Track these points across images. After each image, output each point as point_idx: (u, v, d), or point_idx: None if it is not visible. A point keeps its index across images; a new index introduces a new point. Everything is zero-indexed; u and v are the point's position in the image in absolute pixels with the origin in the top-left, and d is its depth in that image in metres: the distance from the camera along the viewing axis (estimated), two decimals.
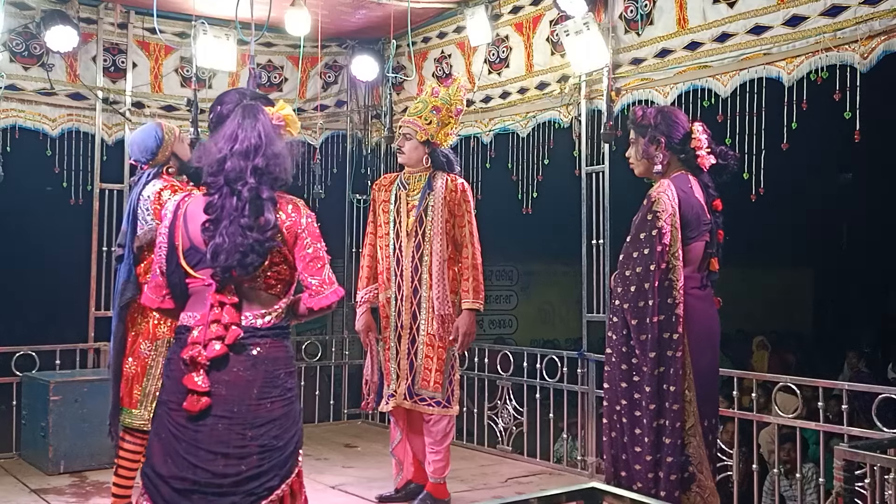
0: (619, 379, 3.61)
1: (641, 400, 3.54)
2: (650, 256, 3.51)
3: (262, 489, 2.67)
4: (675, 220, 3.55)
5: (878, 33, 4.29)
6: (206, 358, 2.66)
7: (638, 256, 3.55)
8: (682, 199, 3.59)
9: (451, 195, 4.62)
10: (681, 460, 3.52)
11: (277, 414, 2.73)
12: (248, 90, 3.02)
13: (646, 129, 3.74)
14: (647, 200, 3.61)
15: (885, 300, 17.14)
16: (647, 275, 3.51)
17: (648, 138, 3.73)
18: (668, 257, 3.53)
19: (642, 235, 3.56)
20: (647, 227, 3.55)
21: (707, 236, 3.68)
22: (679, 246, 3.55)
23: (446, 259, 4.61)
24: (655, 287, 3.50)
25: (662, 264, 3.52)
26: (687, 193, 3.62)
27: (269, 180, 2.75)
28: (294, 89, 7.36)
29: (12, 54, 6.23)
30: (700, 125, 3.75)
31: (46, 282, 11.78)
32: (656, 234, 3.52)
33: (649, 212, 3.56)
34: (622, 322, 3.60)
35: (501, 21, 6.39)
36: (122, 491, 4.05)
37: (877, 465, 3.24)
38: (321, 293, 2.78)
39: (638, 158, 3.78)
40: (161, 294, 2.84)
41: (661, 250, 3.51)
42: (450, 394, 4.63)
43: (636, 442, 3.56)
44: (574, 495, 2.26)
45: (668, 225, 3.52)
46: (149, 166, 4.14)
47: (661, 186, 3.61)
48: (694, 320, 3.58)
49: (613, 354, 3.65)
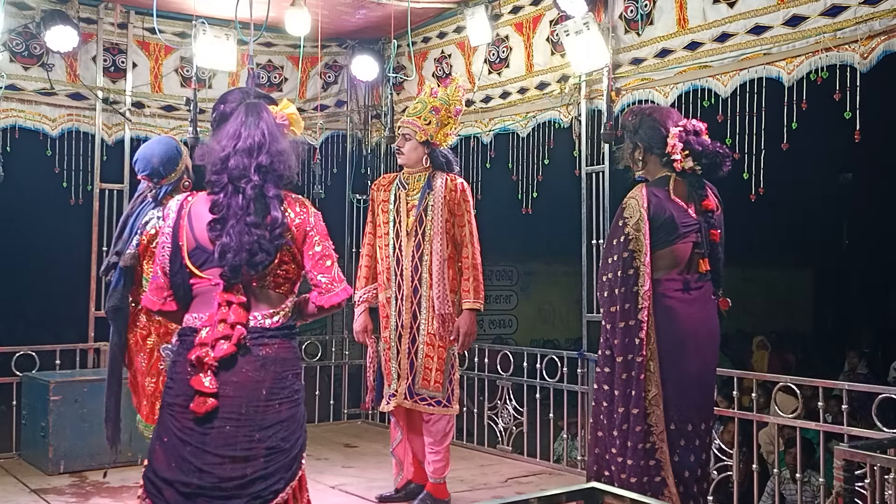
0: (602, 381, 3.70)
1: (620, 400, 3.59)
2: (618, 262, 3.58)
3: (268, 492, 2.64)
4: (643, 225, 3.56)
5: (878, 33, 4.29)
6: (213, 359, 2.61)
7: (611, 262, 3.62)
8: (654, 204, 3.59)
9: (451, 195, 4.63)
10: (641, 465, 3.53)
11: (285, 415, 2.69)
12: (252, 89, 3.00)
13: (630, 134, 3.78)
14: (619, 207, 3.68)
15: (885, 300, 17.14)
16: (616, 280, 3.58)
17: (631, 142, 3.78)
18: (635, 262, 3.56)
19: (614, 241, 3.63)
20: (617, 234, 3.62)
21: (694, 237, 3.64)
22: (646, 251, 3.55)
23: (446, 258, 4.62)
24: (623, 292, 3.56)
25: (630, 270, 3.56)
26: (660, 198, 3.61)
27: (274, 178, 2.72)
28: (294, 89, 7.36)
29: (12, 54, 6.23)
30: (679, 128, 3.66)
31: (46, 282, 11.77)
32: (623, 241, 3.57)
33: (619, 218, 3.63)
34: (604, 327, 3.69)
35: (501, 21, 6.39)
36: None
37: (877, 465, 3.25)
38: (331, 291, 2.75)
39: (623, 162, 3.84)
40: (163, 296, 2.79)
41: (627, 256, 3.56)
42: (450, 393, 4.63)
43: (612, 443, 3.62)
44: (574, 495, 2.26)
45: (633, 230, 3.56)
46: (166, 181, 3.99)
47: (633, 192, 3.66)
48: (673, 324, 3.56)
49: (600, 357, 3.74)
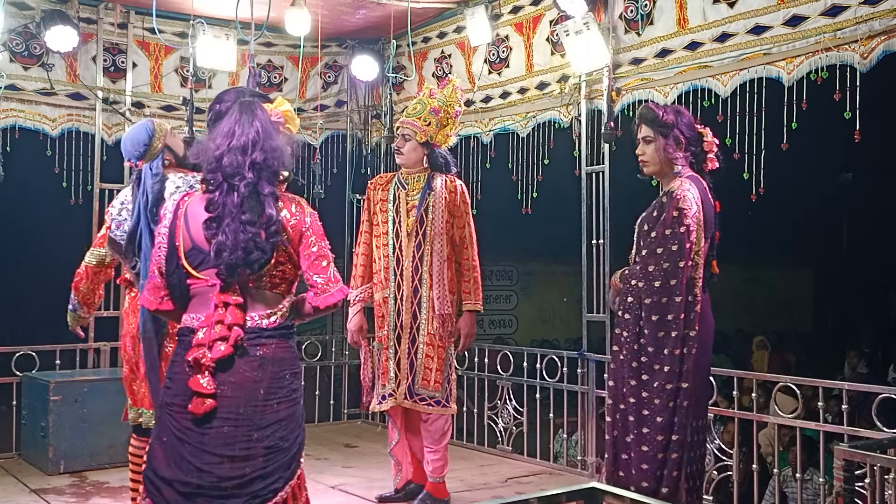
0: (628, 376, 3.58)
1: (654, 398, 3.50)
2: (679, 253, 3.47)
3: (267, 491, 2.65)
4: (700, 218, 3.53)
5: (878, 33, 4.29)
6: (210, 360, 2.63)
7: (664, 252, 3.50)
8: (703, 200, 3.58)
9: (451, 196, 4.63)
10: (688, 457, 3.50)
11: (283, 415, 2.71)
12: (247, 88, 3.00)
13: (667, 129, 3.65)
14: (668, 198, 3.57)
15: (885, 300, 17.14)
16: (676, 271, 3.47)
17: (672, 139, 3.65)
18: (693, 255, 3.51)
19: (668, 232, 3.51)
20: (674, 224, 3.50)
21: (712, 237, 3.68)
22: (703, 245, 3.54)
23: (446, 259, 4.62)
24: (683, 284, 3.47)
25: (689, 262, 3.49)
26: (704, 194, 3.61)
27: (269, 175, 2.72)
28: (294, 89, 7.36)
29: (12, 54, 6.23)
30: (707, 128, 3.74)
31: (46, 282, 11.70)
32: (684, 232, 3.48)
33: (675, 209, 3.51)
34: (635, 319, 3.55)
35: (501, 21, 6.39)
36: None
37: (877, 465, 3.25)
38: (327, 291, 2.75)
39: (659, 158, 3.67)
40: (159, 295, 2.80)
41: (689, 247, 3.49)
42: (448, 393, 4.63)
43: (643, 441, 3.52)
44: (574, 495, 2.27)
45: (694, 223, 3.50)
46: (143, 162, 3.89)
47: (683, 185, 3.56)
48: (701, 321, 3.58)
49: (622, 351, 3.61)
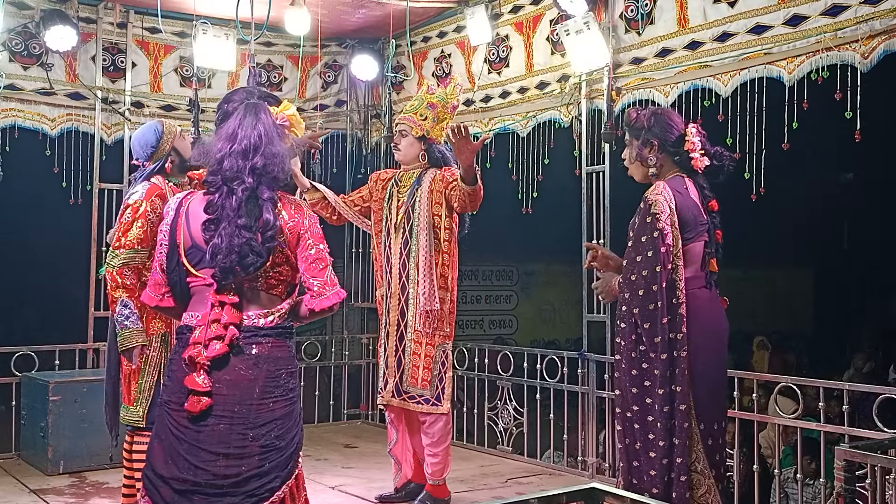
0: (630, 384, 3.58)
1: (654, 404, 3.50)
2: (654, 258, 3.49)
3: (263, 490, 2.66)
4: (674, 220, 3.54)
5: (879, 33, 4.28)
6: (206, 358, 2.66)
7: (642, 260, 3.52)
8: (679, 201, 3.57)
9: (436, 184, 4.59)
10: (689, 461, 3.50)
11: (279, 414, 2.72)
12: (256, 89, 3.01)
13: (639, 132, 3.70)
14: (643, 203, 3.59)
15: (885, 300, 17.12)
16: (654, 277, 3.48)
17: (642, 141, 3.70)
18: (671, 258, 3.51)
19: (643, 238, 3.53)
20: (648, 230, 3.52)
21: (705, 236, 3.66)
22: (680, 246, 3.54)
23: (433, 254, 4.57)
24: (663, 288, 3.48)
25: (668, 265, 3.50)
26: (682, 195, 3.61)
27: (268, 180, 2.74)
28: (294, 89, 7.36)
29: (12, 54, 6.22)
30: (694, 127, 3.71)
31: (46, 282, 11.76)
32: (658, 236, 3.49)
33: (648, 214, 3.53)
34: (631, 327, 3.56)
35: (501, 20, 6.39)
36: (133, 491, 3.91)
37: (877, 465, 3.24)
38: (323, 294, 2.76)
39: (632, 161, 3.75)
40: (160, 292, 2.84)
41: (665, 251, 3.49)
42: (439, 391, 4.58)
43: (650, 447, 3.52)
44: (574, 495, 2.26)
45: (668, 226, 3.51)
46: (150, 162, 4.05)
47: (656, 188, 3.59)
48: (700, 320, 3.57)
49: (623, 360, 3.61)
